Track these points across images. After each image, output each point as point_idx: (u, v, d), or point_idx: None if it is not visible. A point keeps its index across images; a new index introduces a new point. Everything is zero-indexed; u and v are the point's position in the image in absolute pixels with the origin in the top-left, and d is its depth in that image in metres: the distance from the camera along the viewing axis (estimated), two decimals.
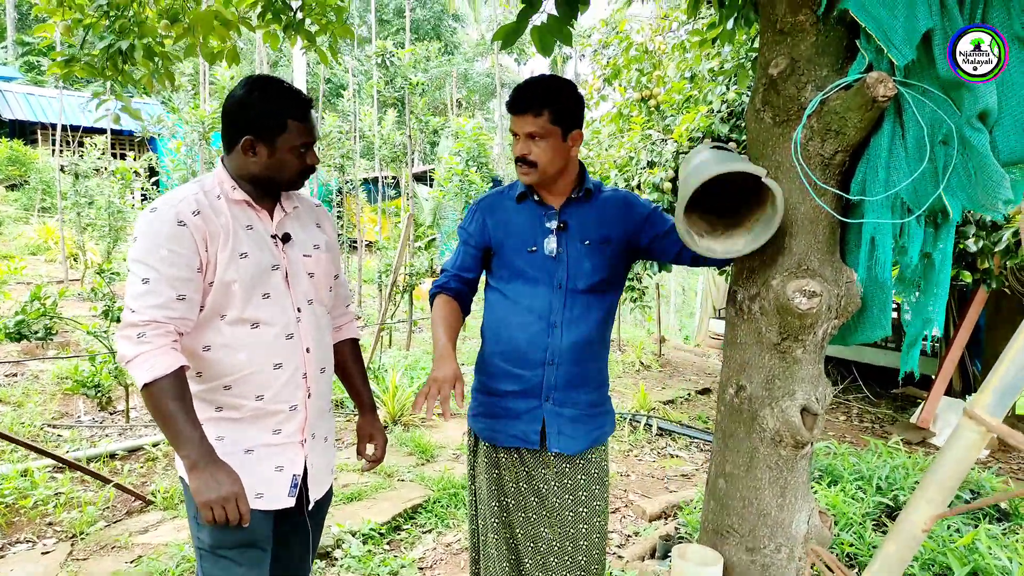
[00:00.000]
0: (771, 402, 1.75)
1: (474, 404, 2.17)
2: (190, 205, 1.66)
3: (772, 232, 1.57)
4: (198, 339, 1.70)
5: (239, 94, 1.72)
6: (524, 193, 2.08)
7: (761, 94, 1.71)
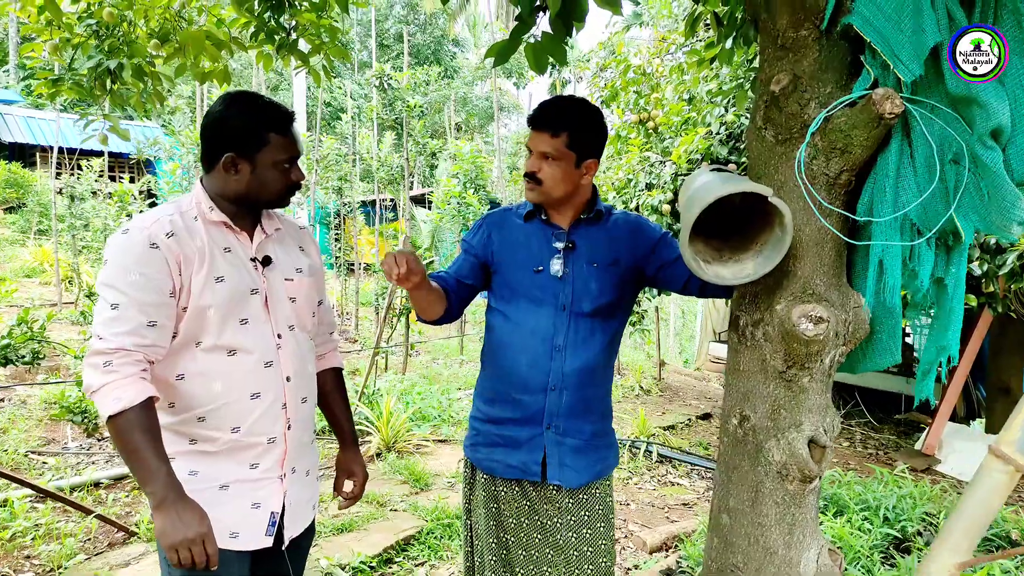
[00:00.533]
0: (777, 433, 1.67)
1: (471, 433, 2.08)
2: (163, 227, 1.58)
3: (782, 254, 1.50)
4: (171, 367, 1.62)
5: (216, 110, 1.66)
6: (532, 212, 2.01)
7: (762, 112, 1.65)
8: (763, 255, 1.53)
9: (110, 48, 2.94)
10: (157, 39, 3.05)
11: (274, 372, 1.68)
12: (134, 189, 10.27)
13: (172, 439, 1.62)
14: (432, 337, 11.39)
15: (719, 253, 1.60)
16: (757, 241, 1.57)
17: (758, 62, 1.70)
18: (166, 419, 1.63)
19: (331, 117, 22.49)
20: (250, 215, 1.74)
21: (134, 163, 17.41)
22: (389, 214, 14.99)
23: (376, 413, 5.36)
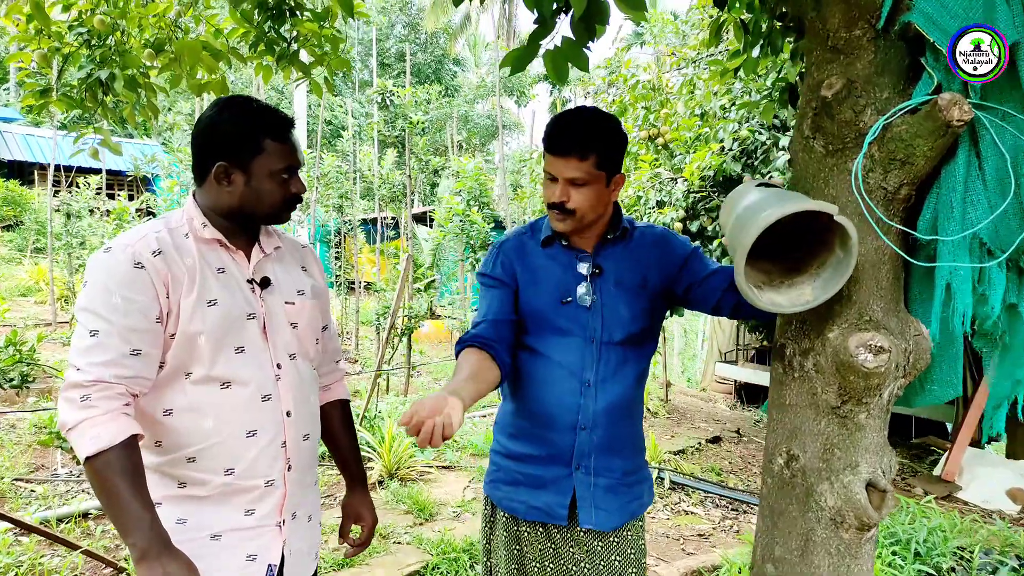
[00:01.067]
0: (830, 476, 1.50)
1: (492, 468, 1.91)
2: (149, 244, 1.43)
3: (845, 279, 1.34)
4: (157, 402, 1.46)
5: (207, 115, 1.51)
6: (551, 237, 1.82)
7: (811, 120, 1.50)
8: (822, 279, 1.37)
9: (102, 58, 2.80)
10: (151, 49, 2.92)
11: (272, 406, 1.52)
12: (132, 207, 10.14)
13: (158, 482, 1.46)
14: (434, 358, 11.21)
15: (768, 276, 1.44)
16: (812, 263, 1.41)
17: (805, 66, 1.55)
18: (152, 459, 1.47)
19: (332, 135, 22.44)
20: (247, 232, 1.58)
21: (132, 181, 17.31)
22: (390, 232, 14.87)
23: (378, 438, 5.17)
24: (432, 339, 12.33)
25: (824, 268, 1.38)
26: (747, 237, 1.26)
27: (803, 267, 1.43)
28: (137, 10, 2.94)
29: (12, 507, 4.09)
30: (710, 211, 4.65)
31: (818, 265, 1.40)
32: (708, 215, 4.64)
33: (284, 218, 1.60)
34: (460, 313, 10.19)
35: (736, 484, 5.70)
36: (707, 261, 1.87)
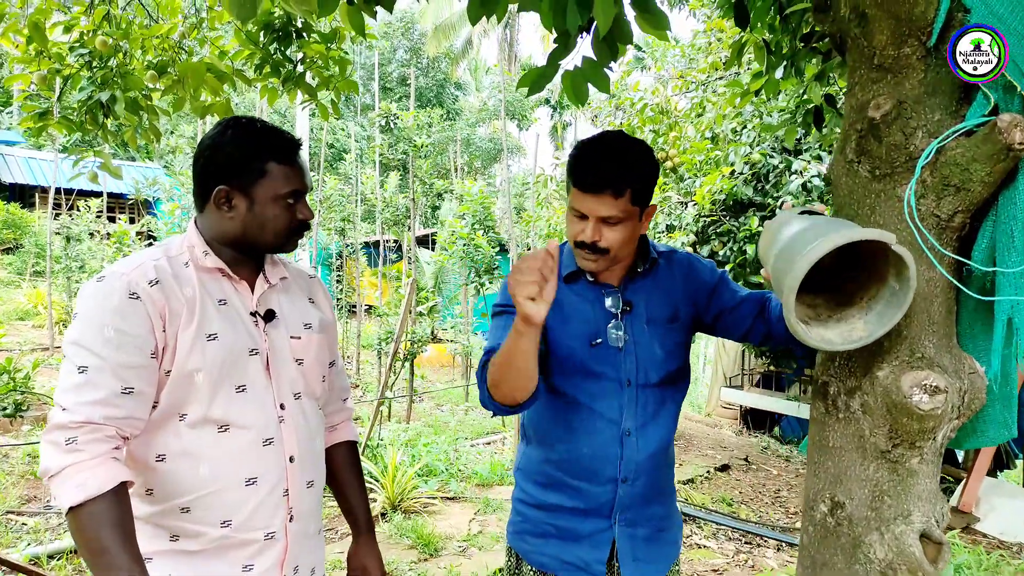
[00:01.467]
0: (880, 525, 1.39)
1: (517, 519, 1.76)
2: (146, 273, 1.33)
3: (901, 313, 1.23)
4: (150, 445, 1.34)
5: (210, 136, 1.42)
6: (576, 272, 1.68)
7: (855, 143, 1.40)
8: (875, 312, 1.27)
9: (103, 80, 2.73)
10: (154, 71, 2.85)
11: (275, 451, 1.41)
12: (132, 230, 10.07)
13: (149, 535, 1.34)
14: (436, 382, 11.07)
15: (814, 310, 1.34)
16: (862, 295, 1.31)
17: (847, 86, 1.46)
18: (143, 509, 1.35)
19: (333, 159, 22.48)
20: (251, 261, 1.48)
21: (133, 204, 17.28)
22: (392, 255, 14.79)
23: (380, 468, 5.04)
24: (434, 363, 12.21)
25: (876, 301, 1.28)
26: (797, 270, 1.15)
27: (852, 300, 1.33)
28: (140, 31, 2.88)
29: (2, 542, 3.95)
30: (721, 235, 4.58)
31: (869, 298, 1.30)
32: (719, 239, 4.57)
33: (290, 247, 1.50)
34: (463, 337, 10.08)
35: (748, 515, 5.55)
36: (735, 287, 1.76)
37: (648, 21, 1.81)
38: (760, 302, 1.69)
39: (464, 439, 6.97)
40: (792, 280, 1.16)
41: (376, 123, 10.59)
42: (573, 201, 1.57)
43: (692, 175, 4.80)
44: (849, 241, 1.14)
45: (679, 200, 4.68)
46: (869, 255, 1.26)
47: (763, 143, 4.32)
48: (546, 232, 6.58)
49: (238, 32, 3.00)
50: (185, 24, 2.97)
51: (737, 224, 4.49)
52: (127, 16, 2.84)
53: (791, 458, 7.98)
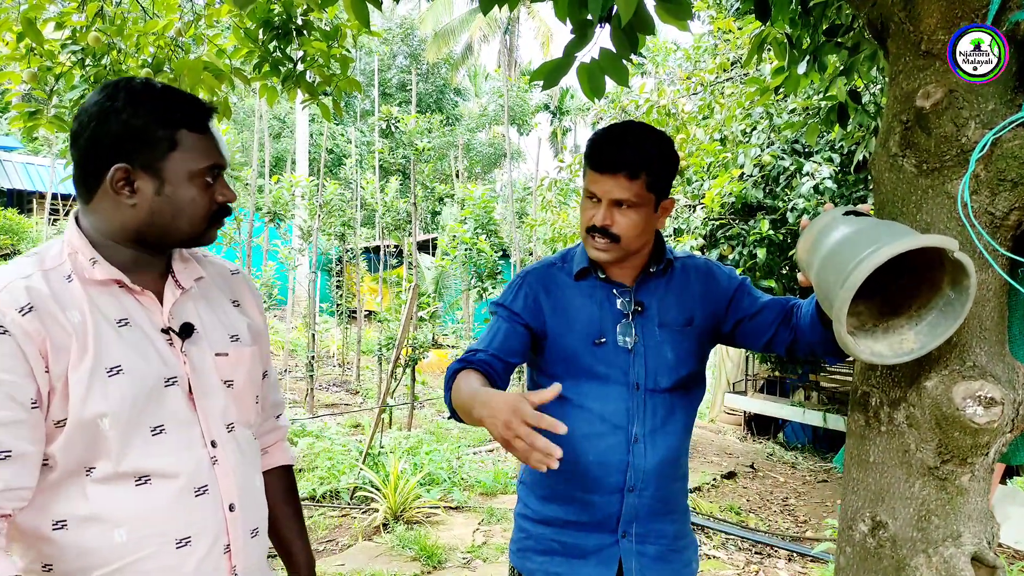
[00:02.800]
0: (927, 547, 1.29)
1: (520, 536, 1.67)
2: (16, 299, 1.03)
3: (957, 324, 1.14)
4: (44, 512, 1.07)
5: (95, 102, 1.11)
6: (586, 269, 1.60)
7: (900, 135, 1.31)
8: (927, 323, 1.17)
9: (96, 78, 2.64)
10: (149, 68, 2.75)
11: (210, 501, 1.14)
12: None
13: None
14: (437, 387, 10.97)
15: (859, 320, 1.24)
16: (911, 303, 1.21)
17: (890, 74, 1.36)
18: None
19: (332, 164, 22.42)
20: (156, 262, 1.19)
21: None
22: (392, 260, 14.71)
23: (382, 477, 4.93)
24: (435, 369, 12.10)
25: (928, 310, 1.18)
26: (852, 280, 1.05)
27: (899, 307, 1.23)
28: (135, 28, 2.78)
29: None
30: (730, 239, 4.48)
31: (919, 306, 1.20)
32: (728, 243, 4.47)
33: (210, 237, 1.21)
34: (464, 343, 9.97)
35: (757, 524, 5.44)
36: (756, 294, 1.67)
37: (670, 11, 1.72)
38: (784, 309, 1.60)
39: (466, 446, 6.86)
40: (846, 291, 1.06)
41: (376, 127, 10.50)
42: (588, 183, 1.52)
43: (700, 178, 4.71)
44: (909, 249, 1.04)
45: (687, 203, 4.59)
46: (921, 260, 1.16)
47: (773, 145, 4.24)
48: (550, 236, 6.49)
49: (236, 29, 2.90)
50: (181, 21, 2.88)
51: (747, 227, 4.40)
52: (121, 12, 2.75)
53: (797, 465, 7.87)
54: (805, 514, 5.92)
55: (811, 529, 5.49)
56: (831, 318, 1.14)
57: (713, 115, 4.47)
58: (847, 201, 4.57)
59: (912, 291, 1.22)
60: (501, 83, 27.50)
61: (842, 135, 2.54)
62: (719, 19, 5.18)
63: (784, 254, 4.54)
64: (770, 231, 4.38)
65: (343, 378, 11.21)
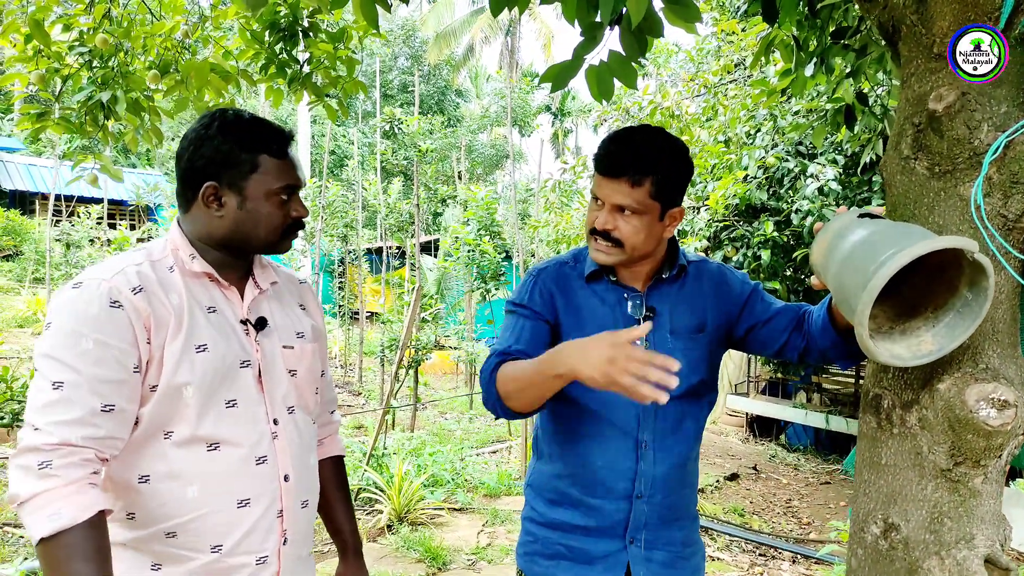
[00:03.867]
0: (939, 549, 1.29)
1: (526, 539, 1.66)
2: (129, 280, 1.23)
3: (976, 325, 1.14)
4: (131, 466, 1.25)
5: (195, 130, 1.32)
6: (597, 272, 1.59)
7: (911, 138, 1.31)
8: (944, 324, 1.17)
9: (103, 80, 2.64)
10: (156, 70, 2.75)
11: (268, 470, 1.32)
12: (133, 237, 9.98)
13: (129, 562, 1.24)
14: (439, 388, 10.97)
15: (874, 321, 1.23)
16: (928, 305, 1.21)
17: (902, 77, 1.36)
18: (123, 535, 1.25)
19: (334, 165, 22.44)
20: (240, 265, 1.39)
21: (134, 210, 17.21)
22: (395, 262, 14.72)
23: (386, 478, 4.93)
24: (437, 370, 12.10)
25: (944, 311, 1.18)
26: (873, 284, 1.04)
27: (915, 309, 1.23)
28: (142, 30, 2.79)
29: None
30: (734, 240, 4.48)
31: (935, 307, 1.20)
32: (732, 245, 4.47)
33: (284, 247, 1.41)
34: (467, 344, 9.97)
35: (760, 526, 5.44)
36: (768, 300, 1.66)
37: (678, 13, 1.72)
38: (796, 315, 1.59)
39: (470, 448, 6.86)
40: (868, 295, 1.05)
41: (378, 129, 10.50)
42: (594, 186, 1.52)
43: (704, 179, 4.71)
44: (930, 251, 1.04)
45: (691, 205, 4.58)
46: (936, 261, 1.16)
47: (777, 147, 4.23)
48: (554, 237, 6.49)
49: (243, 31, 2.91)
50: (188, 22, 2.88)
51: (751, 229, 4.40)
52: (128, 14, 2.75)
53: (799, 467, 7.86)
54: (808, 516, 5.91)
55: (815, 531, 5.49)
56: (849, 322, 1.14)
57: (717, 117, 4.46)
58: (852, 203, 4.57)
59: (928, 292, 1.22)
60: (502, 84, 27.52)
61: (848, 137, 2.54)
62: (722, 21, 5.18)
63: (788, 256, 4.54)
64: (774, 233, 4.37)
65: (345, 380, 11.21)
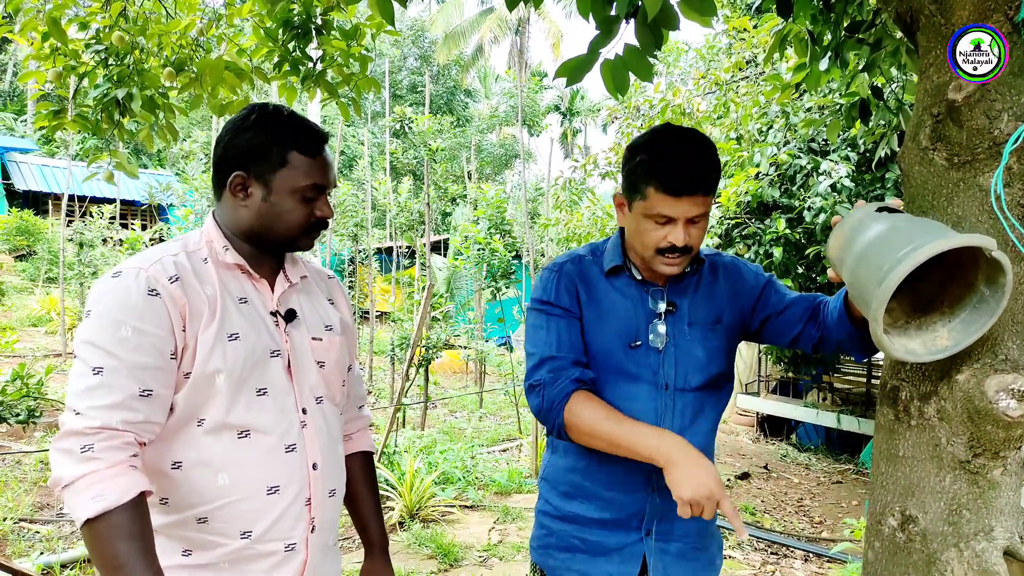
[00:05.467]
0: (958, 542, 1.28)
1: (541, 532, 1.66)
2: (167, 269, 1.26)
3: (992, 321, 1.14)
4: (164, 453, 1.28)
5: (233, 120, 1.36)
6: (619, 266, 1.59)
7: (930, 128, 1.30)
8: (960, 320, 1.17)
9: (119, 77, 2.66)
10: (171, 68, 2.78)
11: (297, 458, 1.34)
12: (145, 236, 10.06)
13: (161, 548, 1.27)
14: (449, 387, 10.99)
15: (889, 315, 1.23)
16: (944, 300, 1.21)
17: (920, 67, 1.36)
18: (156, 520, 1.28)
19: (344, 165, 22.52)
20: (270, 259, 1.42)
21: (146, 210, 17.32)
22: (405, 261, 14.75)
23: (397, 475, 4.94)
24: (446, 369, 12.12)
25: (961, 307, 1.18)
26: (889, 281, 1.04)
27: (931, 304, 1.23)
28: (157, 28, 2.81)
29: (15, 551, 3.87)
30: (746, 238, 4.47)
31: (952, 302, 1.19)
32: (743, 242, 4.46)
33: (305, 245, 1.42)
34: (476, 343, 9.99)
35: (772, 525, 5.42)
36: (783, 291, 1.66)
37: (694, 7, 1.71)
38: (811, 305, 1.59)
39: (480, 446, 6.87)
40: (883, 292, 1.05)
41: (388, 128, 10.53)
42: (657, 206, 1.45)
43: None
44: (947, 249, 1.04)
45: None
46: (953, 256, 1.15)
47: (789, 143, 4.22)
48: (564, 236, 6.48)
49: (256, 29, 2.92)
50: (203, 20, 2.90)
51: (763, 226, 4.38)
52: (144, 12, 2.77)
53: (811, 466, 7.83)
54: (820, 515, 5.89)
55: (827, 530, 5.47)
56: (865, 316, 1.14)
57: (728, 114, 4.45)
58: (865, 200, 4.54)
59: (944, 287, 1.22)
60: (511, 84, 27.51)
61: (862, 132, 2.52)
62: (734, 18, 5.17)
63: (800, 253, 4.52)
64: (786, 230, 4.35)
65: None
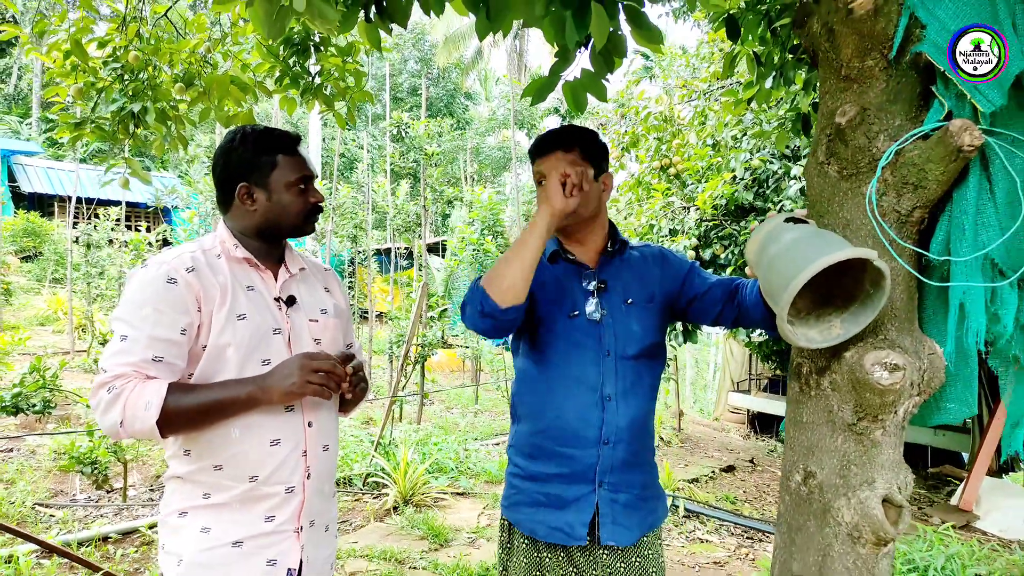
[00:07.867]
0: (847, 492, 1.53)
1: (510, 491, 1.92)
2: (184, 262, 1.55)
3: (874, 315, 1.40)
4: None
5: (223, 146, 1.66)
6: (556, 252, 1.90)
7: (825, 146, 1.56)
8: (850, 313, 1.44)
9: (134, 92, 2.92)
10: (182, 83, 3.03)
11: (295, 417, 1.61)
12: (150, 238, 10.31)
13: (186, 492, 1.56)
14: (446, 386, 11.22)
15: (795, 310, 1.49)
16: (839, 296, 1.46)
17: (819, 94, 1.61)
18: (182, 468, 1.57)
19: (344, 167, 22.77)
20: (274, 253, 1.71)
21: (151, 212, 17.57)
22: (403, 262, 14.99)
23: (392, 464, 5.19)
24: (444, 368, 12.36)
25: (852, 302, 1.43)
26: (792, 287, 1.31)
27: (828, 299, 1.48)
28: (169, 46, 3.06)
29: (33, 531, 4.13)
30: (722, 239, 4.73)
31: (845, 299, 1.45)
32: (720, 243, 4.72)
33: (309, 229, 1.71)
34: (473, 342, 10.24)
35: (751, 512, 5.66)
36: (705, 275, 1.95)
37: (643, 36, 1.97)
38: (729, 288, 1.87)
39: (473, 439, 7.11)
40: (788, 295, 1.32)
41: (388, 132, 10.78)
42: (534, 175, 1.83)
43: (695, 181, 4.95)
44: (838, 261, 1.30)
45: (682, 205, 4.82)
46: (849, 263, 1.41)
47: (762, 149, 4.47)
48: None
49: (259, 46, 3.18)
50: (210, 39, 3.16)
51: (738, 228, 4.64)
52: (157, 32, 3.03)
53: None
54: None
55: None
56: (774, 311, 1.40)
57: (707, 121, 4.70)
58: None
59: (840, 285, 1.47)
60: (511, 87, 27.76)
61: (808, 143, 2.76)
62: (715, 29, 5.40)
63: None
64: None
65: None
